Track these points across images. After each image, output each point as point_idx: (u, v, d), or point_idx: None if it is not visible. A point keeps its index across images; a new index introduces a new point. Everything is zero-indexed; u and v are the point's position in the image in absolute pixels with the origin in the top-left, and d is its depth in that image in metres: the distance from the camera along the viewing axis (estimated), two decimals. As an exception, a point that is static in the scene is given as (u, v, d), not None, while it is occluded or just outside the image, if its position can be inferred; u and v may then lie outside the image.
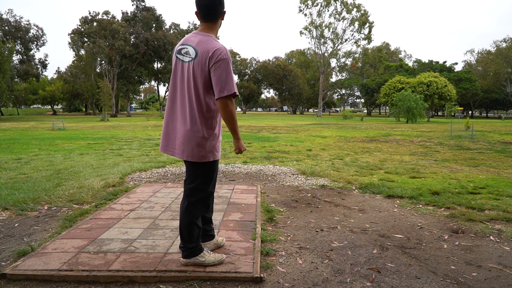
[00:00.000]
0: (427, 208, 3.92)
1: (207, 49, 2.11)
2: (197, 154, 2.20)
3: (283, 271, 2.38)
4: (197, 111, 2.17)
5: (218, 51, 2.08)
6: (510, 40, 58.76)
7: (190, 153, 2.20)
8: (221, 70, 2.06)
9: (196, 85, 2.15)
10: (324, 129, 19.31)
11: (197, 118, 2.17)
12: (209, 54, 2.09)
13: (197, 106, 2.17)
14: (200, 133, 2.18)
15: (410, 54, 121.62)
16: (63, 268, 2.29)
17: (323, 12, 51.13)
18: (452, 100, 38.06)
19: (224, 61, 2.07)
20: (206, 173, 2.29)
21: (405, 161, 7.37)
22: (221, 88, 2.06)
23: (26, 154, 7.86)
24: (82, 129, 17.65)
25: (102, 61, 48.84)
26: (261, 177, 5.59)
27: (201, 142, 2.19)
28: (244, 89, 64.96)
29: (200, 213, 2.36)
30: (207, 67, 2.10)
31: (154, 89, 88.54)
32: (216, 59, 2.07)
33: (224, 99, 2.08)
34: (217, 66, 2.07)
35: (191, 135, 2.19)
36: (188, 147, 2.20)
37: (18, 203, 3.83)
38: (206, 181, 2.31)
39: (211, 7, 2.17)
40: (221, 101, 2.09)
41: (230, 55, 2.12)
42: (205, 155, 2.21)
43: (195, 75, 2.14)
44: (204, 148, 2.20)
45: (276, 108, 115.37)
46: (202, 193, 2.31)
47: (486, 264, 2.53)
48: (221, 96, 2.07)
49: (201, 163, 2.24)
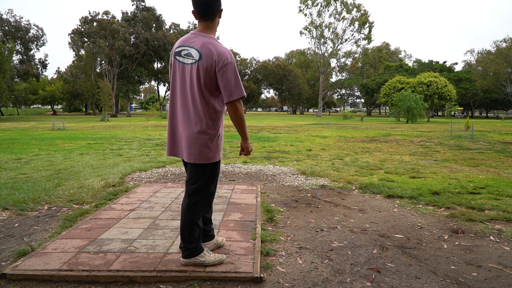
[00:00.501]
0: (427, 208, 3.92)
1: (212, 52, 2.10)
2: (204, 155, 2.20)
3: (283, 271, 2.38)
4: (203, 113, 2.17)
5: (224, 55, 2.10)
6: (510, 40, 58.77)
7: (197, 155, 2.20)
8: (228, 75, 2.09)
9: (200, 87, 2.15)
10: (324, 129, 19.31)
11: (203, 120, 2.17)
12: (214, 58, 2.09)
13: (203, 108, 2.17)
14: (206, 134, 2.19)
15: (410, 54, 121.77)
16: (63, 268, 2.29)
17: (323, 12, 51.19)
18: (452, 100, 38.04)
19: (231, 65, 2.10)
20: (210, 173, 2.29)
21: (405, 161, 7.37)
22: (231, 92, 2.09)
23: (26, 154, 7.86)
24: (82, 129, 17.65)
25: (102, 61, 48.86)
26: (261, 177, 5.59)
27: (207, 143, 2.20)
28: (244, 89, 64.86)
29: (202, 214, 2.35)
30: (213, 71, 2.11)
31: (154, 89, 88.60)
32: (223, 64, 2.08)
33: (234, 102, 2.11)
34: (224, 71, 2.09)
35: (197, 137, 2.18)
36: (194, 149, 2.19)
37: (18, 203, 3.83)
38: (209, 182, 2.31)
39: (207, 5, 2.15)
40: (231, 105, 2.12)
41: (233, 58, 2.15)
42: (212, 156, 2.22)
43: (199, 77, 2.13)
44: (211, 149, 2.21)
45: (276, 108, 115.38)
46: (204, 193, 2.31)
47: (486, 264, 2.53)
48: (231, 100, 2.10)
49: (206, 164, 2.24)
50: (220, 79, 2.10)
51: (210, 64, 2.09)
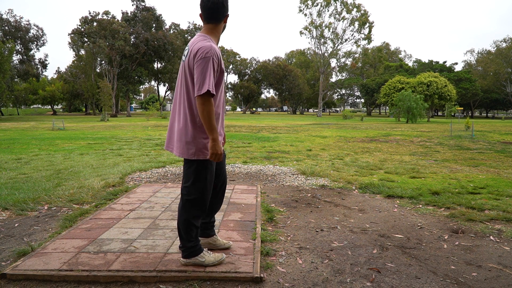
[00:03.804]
0: (427, 208, 3.92)
1: (193, 47, 2.17)
2: (186, 151, 2.23)
3: (283, 271, 2.38)
4: (187, 109, 2.22)
5: (201, 49, 2.12)
6: (510, 40, 58.76)
7: (181, 149, 2.25)
8: (200, 68, 2.09)
9: (187, 83, 2.21)
10: (324, 129, 19.31)
11: (187, 116, 2.22)
12: (193, 52, 2.15)
13: (188, 104, 2.22)
14: (189, 130, 2.22)
15: (410, 54, 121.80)
16: (63, 268, 2.29)
17: (323, 12, 51.19)
18: (452, 100, 38.02)
19: (204, 60, 2.09)
20: (197, 172, 2.27)
21: (405, 161, 7.37)
22: (199, 86, 2.09)
23: (26, 154, 7.86)
24: (82, 129, 17.65)
25: (102, 61, 48.82)
26: (261, 177, 5.59)
27: (190, 139, 2.22)
28: (244, 89, 64.96)
29: (196, 213, 2.32)
30: (193, 65, 2.15)
31: (154, 89, 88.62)
32: (198, 58, 2.11)
33: (201, 97, 2.10)
34: (198, 65, 2.10)
35: (182, 132, 2.24)
36: (180, 144, 2.25)
37: (18, 203, 3.83)
38: (198, 180, 2.28)
39: (213, 10, 2.21)
40: (198, 99, 2.11)
41: (215, 53, 2.13)
42: (194, 152, 2.23)
43: (185, 74, 2.22)
44: (194, 146, 2.22)
45: (276, 108, 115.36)
46: (195, 193, 2.29)
47: (486, 264, 2.53)
48: (198, 94, 2.10)
49: (192, 161, 2.26)
50: (194, 72, 2.13)
51: (192, 59, 2.15)
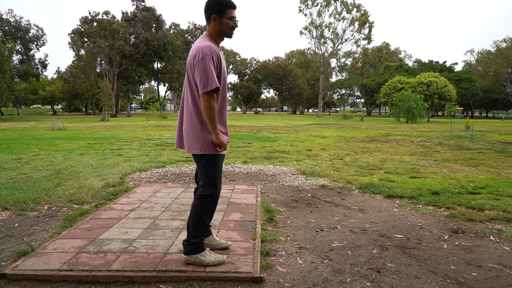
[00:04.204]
0: (427, 208, 3.92)
1: (192, 50, 2.29)
2: (193, 146, 2.32)
3: (283, 271, 2.38)
4: (193, 107, 2.31)
5: (198, 50, 2.22)
6: (510, 40, 58.75)
7: (189, 145, 2.35)
8: (201, 68, 2.18)
9: (190, 84, 2.32)
10: (324, 129, 19.31)
11: (193, 114, 2.32)
12: (193, 54, 2.25)
13: (193, 103, 2.31)
14: (196, 127, 2.31)
15: (410, 54, 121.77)
16: (63, 268, 2.29)
17: (323, 12, 51.17)
18: (452, 100, 38.02)
19: (203, 59, 2.19)
20: (207, 167, 2.35)
21: (405, 161, 7.37)
22: (204, 84, 2.18)
23: (26, 154, 7.86)
24: (82, 129, 17.65)
25: (102, 61, 48.81)
26: (261, 177, 5.59)
27: (196, 135, 2.31)
28: (244, 89, 64.97)
29: (208, 208, 2.40)
30: (193, 66, 2.25)
31: (154, 89, 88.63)
32: (197, 58, 2.20)
33: (206, 94, 2.18)
34: (198, 65, 2.20)
35: (189, 129, 2.33)
36: (188, 140, 2.35)
37: (18, 203, 3.83)
38: (208, 175, 2.36)
39: (204, 10, 2.39)
40: (202, 97, 2.20)
41: (213, 51, 2.22)
42: (201, 147, 2.31)
43: (188, 74, 2.33)
44: (200, 141, 2.30)
45: (276, 108, 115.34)
46: (209, 189, 2.37)
47: (486, 264, 2.53)
48: (203, 92, 2.19)
49: (200, 156, 2.34)
50: (195, 73, 2.23)
51: (192, 61, 2.25)
